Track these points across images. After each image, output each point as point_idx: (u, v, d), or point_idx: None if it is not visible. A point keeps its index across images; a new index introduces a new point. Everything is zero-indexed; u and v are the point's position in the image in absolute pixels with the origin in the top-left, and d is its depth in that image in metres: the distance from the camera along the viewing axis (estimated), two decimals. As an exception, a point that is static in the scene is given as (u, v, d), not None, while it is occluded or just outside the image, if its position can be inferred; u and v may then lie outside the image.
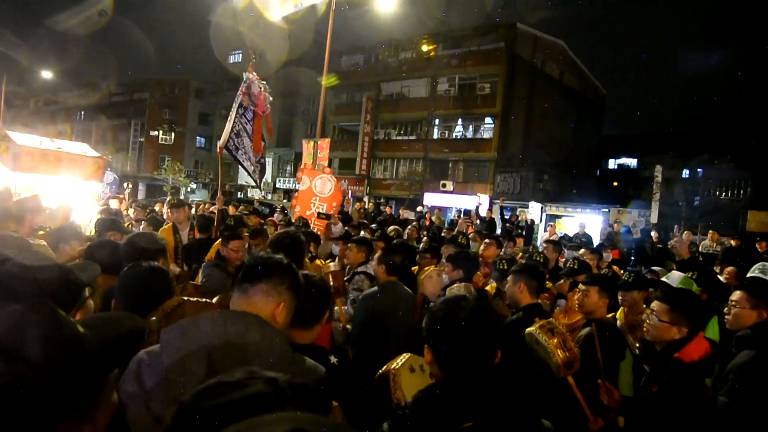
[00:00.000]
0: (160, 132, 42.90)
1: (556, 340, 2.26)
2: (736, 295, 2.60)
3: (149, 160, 41.80)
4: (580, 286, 3.15)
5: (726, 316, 2.62)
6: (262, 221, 7.12)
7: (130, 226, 5.97)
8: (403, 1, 13.79)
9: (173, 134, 43.11)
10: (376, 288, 3.52)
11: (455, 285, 3.61)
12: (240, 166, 7.15)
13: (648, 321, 2.44)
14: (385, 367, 2.24)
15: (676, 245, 4.30)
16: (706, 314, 3.26)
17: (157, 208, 9.28)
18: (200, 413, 0.70)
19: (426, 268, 4.47)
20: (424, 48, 29.33)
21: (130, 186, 15.15)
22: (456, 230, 8.62)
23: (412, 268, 4.75)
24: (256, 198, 21.92)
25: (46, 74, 36.89)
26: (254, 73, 6.48)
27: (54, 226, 3.73)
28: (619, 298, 3.51)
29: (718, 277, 4.32)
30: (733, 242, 10.14)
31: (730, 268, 3.92)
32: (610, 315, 3.29)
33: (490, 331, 1.46)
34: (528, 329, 2.39)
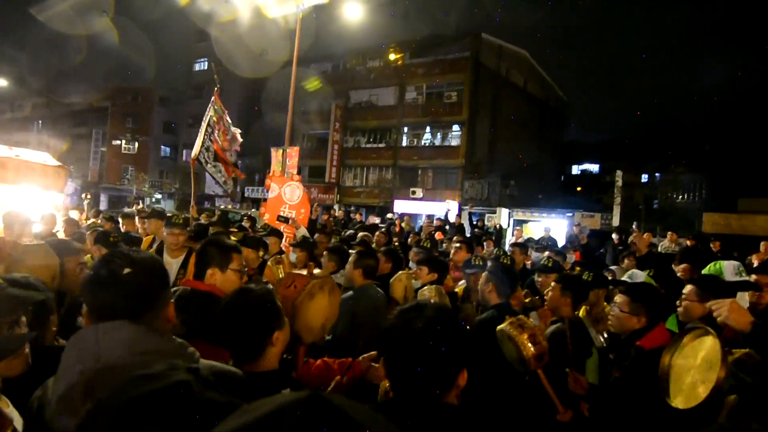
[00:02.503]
0: (123, 141, 41.75)
1: (526, 335, 2.35)
2: (687, 289, 2.78)
3: (112, 170, 40.58)
4: (552, 283, 3.29)
5: (678, 309, 2.77)
6: (231, 230, 7.00)
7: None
8: (371, 10, 13.94)
9: (137, 143, 42.02)
10: (351, 292, 3.56)
11: (426, 288, 3.66)
12: (209, 176, 7.26)
13: (611, 313, 2.61)
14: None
15: (635, 241, 4.50)
16: (665, 307, 3.43)
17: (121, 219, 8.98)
18: (117, 407, 0.68)
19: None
20: (392, 57, 29.65)
21: (89, 197, 14.65)
22: (421, 234, 8.71)
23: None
24: (221, 208, 21.63)
25: (2, 82, 35.45)
26: (220, 104, 6.76)
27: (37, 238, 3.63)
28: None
29: (677, 274, 4.54)
30: (689, 243, 10.58)
31: (684, 265, 4.14)
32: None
33: (451, 346, 1.23)
34: (499, 326, 2.47)
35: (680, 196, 21.57)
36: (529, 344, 2.32)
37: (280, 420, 0.51)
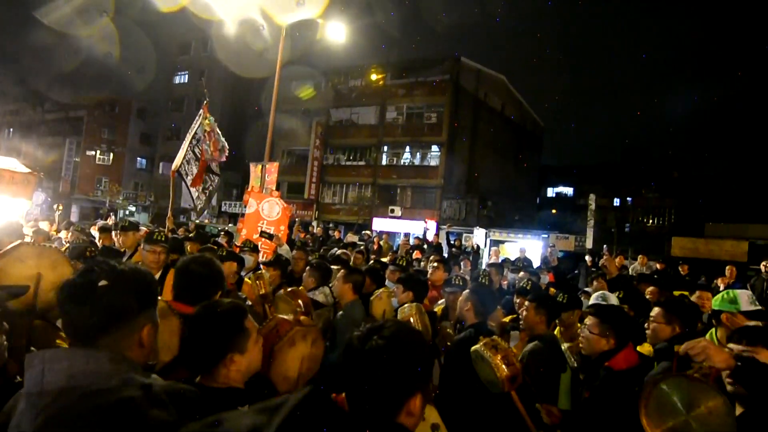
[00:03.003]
0: (98, 152, 40.89)
1: (499, 356, 2.35)
2: (654, 311, 2.87)
3: (85, 180, 39.62)
4: (526, 303, 3.34)
5: (647, 331, 2.86)
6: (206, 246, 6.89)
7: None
8: (353, 30, 14.15)
9: (112, 154, 41.20)
10: (341, 312, 3.64)
11: (406, 305, 3.68)
12: (185, 190, 7.29)
13: (582, 334, 2.65)
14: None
15: (605, 263, 4.62)
16: (635, 329, 3.51)
17: (93, 231, 8.75)
18: (64, 423, 0.69)
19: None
20: (373, 77, 30.03)
21: (61, 207, 14.24)
22: (398, 253, 8.75)
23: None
24: (197, 222, 21.29)
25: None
26: (210, 116, 6.84)
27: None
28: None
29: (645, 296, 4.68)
30: (659, 266, 10.88)
31: (651, 288, 4.27)
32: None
33: (403, 368, 1.20)
34: (473, 347, 2.48)
35: (650, 220, 22.23)
36: (503, 365, 2.32)
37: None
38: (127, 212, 34.76)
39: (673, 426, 1.66)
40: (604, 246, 13.51)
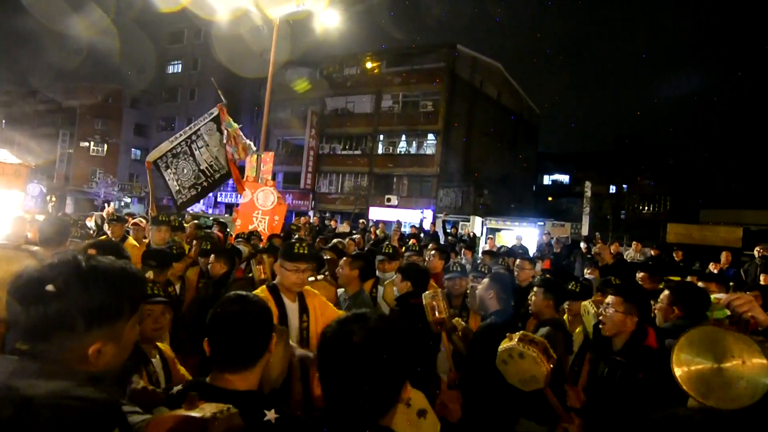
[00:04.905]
0: (92, 143, 40.59)
1: (540, 349, 2.23)
2: (663, 294, 3.01)
3: (79, 172, 39.38)
4: (534, 289, 3.36)
5: (654, 313, 2.95)
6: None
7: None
8: (348, 18, 14.01)
9: (106, 145, 40.91)
10: (348, 303, 3.55)
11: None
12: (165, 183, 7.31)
13: (605, 314, 2.56)
14: None
15: (600, 251, 4.65)
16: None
17: (89, 222, 8.72)
18: None
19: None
20: (369, 65, 29.82)
21: (54, 199, 14.16)
22: (387, 241, 8.73)
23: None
24: (191, 213, 21.23)
25: (-38, 79, 34.17)
26: (232, 123, 6.88)
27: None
28: (566, 306, 3.71)
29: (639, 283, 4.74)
30: (653, 252, 10.94)
31: (642, 274, 4.31)
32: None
33: (393, 362, 1.13)
34: (503, 346, 2.35)
35: (646, 207, 22.28)
36: (545, 358, 2.19)
37: None
38: (123, 203, 34.60)
39: (701, 372, 1.63)
40: (596, 233, 13.55)
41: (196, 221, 9.02)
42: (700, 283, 3.63)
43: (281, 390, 2.15)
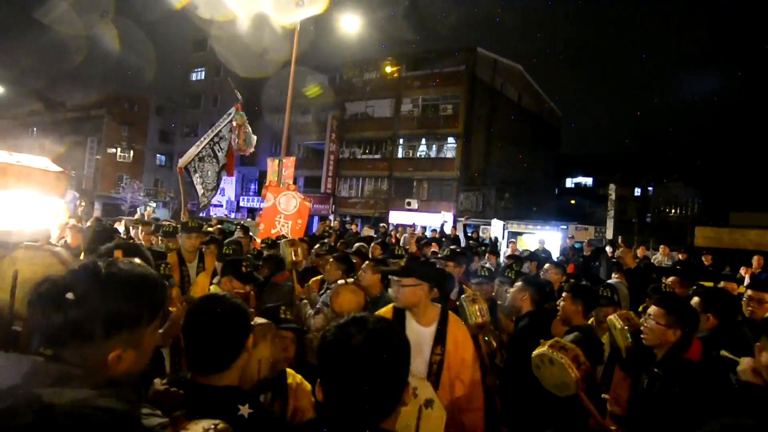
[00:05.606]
0: (119, 149, 41.70)
1: (570, 356, 2.24)
2: (693, 301, 2.92)
3: (106, 178, 40.45)
4: (564, 294, 3.30)
5: None
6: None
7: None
8: (368, 23, 14.09)
9: (132, 152, 41.99)
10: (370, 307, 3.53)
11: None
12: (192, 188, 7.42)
13: (645, 325, 2.51)
14: None
15: (622, 255, 4.55)
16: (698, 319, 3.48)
17: (118, 226, 8.93)
18: None
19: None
20: (388, 69, 29.90)
21: (83, 204, 14.53)
22: (401, 243, 8.69)
23: None
24: (215, 217, 21.56)
25: (-2, 88, 35.44)
26: (242, 114, 6.97)
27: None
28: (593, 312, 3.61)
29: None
30: (681, 256, 10.66)
31: (672, 278, 4.18)
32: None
33: (394, 365, 1.14)
34: (536, 351, 2.37)
35: (673, 210, 21.76)
36: (575, 366, 2.20)
37: None
38: (148, 208, 35.34)
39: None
40: (619, 237, 13.28)
41: (220, 226, 9.15)
42: (748, 292, 3.45)
43: None
